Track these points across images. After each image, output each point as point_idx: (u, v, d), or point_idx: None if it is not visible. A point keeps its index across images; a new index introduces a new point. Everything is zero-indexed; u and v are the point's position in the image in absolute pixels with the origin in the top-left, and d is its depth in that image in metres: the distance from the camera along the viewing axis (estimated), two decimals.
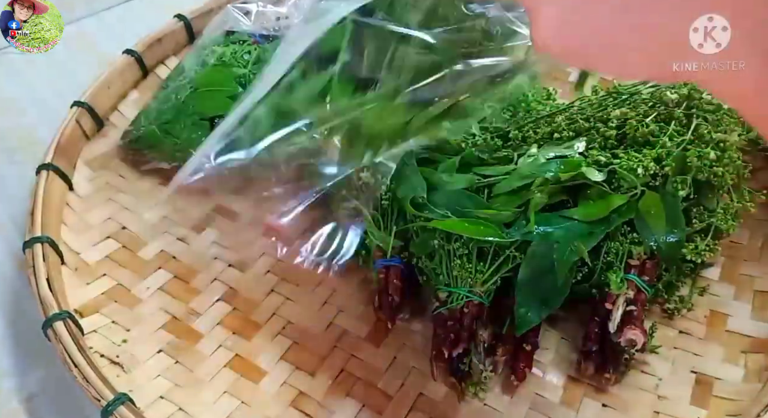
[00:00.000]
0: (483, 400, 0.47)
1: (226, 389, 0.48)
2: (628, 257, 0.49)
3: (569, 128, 0.52)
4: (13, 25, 0.61)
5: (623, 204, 0.47)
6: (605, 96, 0.55)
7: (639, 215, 0.48)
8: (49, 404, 0.49)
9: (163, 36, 0.68)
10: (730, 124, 0.51)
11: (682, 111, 0.51)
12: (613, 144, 0.50)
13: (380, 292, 0.50)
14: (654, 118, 0.51)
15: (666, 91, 0.52)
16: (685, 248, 0.48)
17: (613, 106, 0.53)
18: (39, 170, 0.56)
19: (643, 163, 0.47)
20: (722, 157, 0.49)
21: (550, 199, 0.48)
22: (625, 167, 0.47)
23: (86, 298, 0.52)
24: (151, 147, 0.59)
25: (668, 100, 0.51)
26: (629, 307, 0.46)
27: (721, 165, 0.48)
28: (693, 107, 0.51)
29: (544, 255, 0.46)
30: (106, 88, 0.64)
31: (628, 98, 0.54)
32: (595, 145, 0.50)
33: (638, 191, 0.47)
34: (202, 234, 0.57)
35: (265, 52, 0.61)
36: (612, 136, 0.50)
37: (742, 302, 0.51)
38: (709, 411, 0.46)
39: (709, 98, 0.52)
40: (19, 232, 0.58)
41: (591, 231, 0.47)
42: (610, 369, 0.47)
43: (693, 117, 0.51)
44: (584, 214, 0.47)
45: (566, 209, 0.48)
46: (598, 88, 0.57)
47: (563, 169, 0.47)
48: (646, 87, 0.55)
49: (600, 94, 0.56)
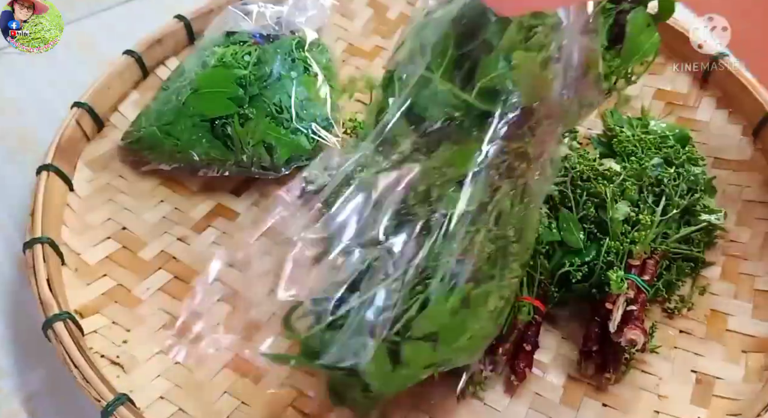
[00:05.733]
0: (483, 400, 0.47)
1: (226, 390, 0.48)
2: (628, 256, 0.49)
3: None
4: (13, 25, 0.61)
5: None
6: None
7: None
8: (49, 404, 0.49)
9: (163, 36, 0.68)
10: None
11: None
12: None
13: None
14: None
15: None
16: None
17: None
18: (39, 171, 0.56)
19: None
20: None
21: None
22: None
23: (86, 298, 0.52)
24: (152, 148, 0.59)
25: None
26: (629, 307, 0.46)
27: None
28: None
29: None
30: (107, 88, 0.64)
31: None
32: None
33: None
34: (202, 234, 0.57)
35: (265, 53, 0.61)
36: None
37: (743, 302, 0.51)
38: (710, 411, 0.46)
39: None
40: (19, 232, 0.58)
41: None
42: (610, 369, 0.47)
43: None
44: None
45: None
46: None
47: None
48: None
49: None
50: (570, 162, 0.55)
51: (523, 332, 0.48)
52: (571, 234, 0.50)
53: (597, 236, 0.51)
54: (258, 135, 0.57)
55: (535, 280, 0.50)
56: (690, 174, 0.54)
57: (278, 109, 0.58)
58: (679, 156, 0.56)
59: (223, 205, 0.59)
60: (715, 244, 0.54)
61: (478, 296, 0.38)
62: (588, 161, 0.56)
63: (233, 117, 0.57)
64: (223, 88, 0.58)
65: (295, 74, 0.60)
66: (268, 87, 0.58)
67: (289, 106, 0.58)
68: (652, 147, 0.57)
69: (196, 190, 0.60)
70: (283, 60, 0.60)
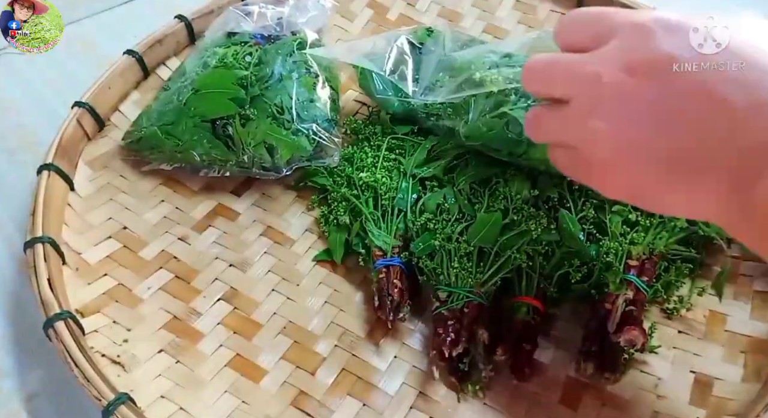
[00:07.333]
0: (483, 400, 0.47)
1: (226, 389, 0.48)
2: (627, 257, 0.49)
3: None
4: (13, 25, 0.61)
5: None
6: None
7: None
8: (49, 404, 0.49)
9: (164, 37, 0.68)
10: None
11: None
12: None
13: (380, 292, 0.50)
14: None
15: None
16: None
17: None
18: (40, 170, 0.56)
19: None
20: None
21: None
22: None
23: (87, 298, 0.52)
24: (153, 148, 0.60)
25: None
26: (628, 307, 0.46)
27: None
28: None
29: None
30: (107, 88, 0.64)
31: None
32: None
33: None
34: (202, 234, 0.57)
35: (266, 54, 0.61)
36: None
37: (742, 302, 0.51)
38: (709, 411, 0.46)
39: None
40: (20, 232, 0.58)
41: None
42: (609, 369, 0.47)
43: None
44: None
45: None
46: None
47: None
48: None
49: None
50: None
51: (523, 331, 0.48)
52: (571, 235, 0.50)
53: (596, 236, 0.51)
54: (259, 135, 0.57)
55: (534, 280, 0.50)
56: None
57: (279, 110, 0.58)
58: None
59: (224, 205, 0.59)
60: (714, 245, 0.54)
61: None
62: None
63: (234, 117, 0.57)
64: (224, 88, 0.58)
65: (296, 75, 0.60)
66: (269, 88, 0.58)
67: (290, 107, 0.58)
68: None
69: (197, 190, 0.60)
70: (284, 61, 0.60)
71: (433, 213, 0.53)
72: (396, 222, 0.54)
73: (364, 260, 0.54)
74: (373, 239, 0.53)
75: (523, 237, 0.50)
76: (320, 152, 0.59)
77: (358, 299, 0.53)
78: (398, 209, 0.55)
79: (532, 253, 0.50)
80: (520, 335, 0.48)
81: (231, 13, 0.65)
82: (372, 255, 0.52)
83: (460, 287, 0.48)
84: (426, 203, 0.54)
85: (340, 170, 0.59)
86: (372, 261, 0.52)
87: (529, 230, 0.49)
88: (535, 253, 0.50)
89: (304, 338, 0.51)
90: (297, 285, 0.54)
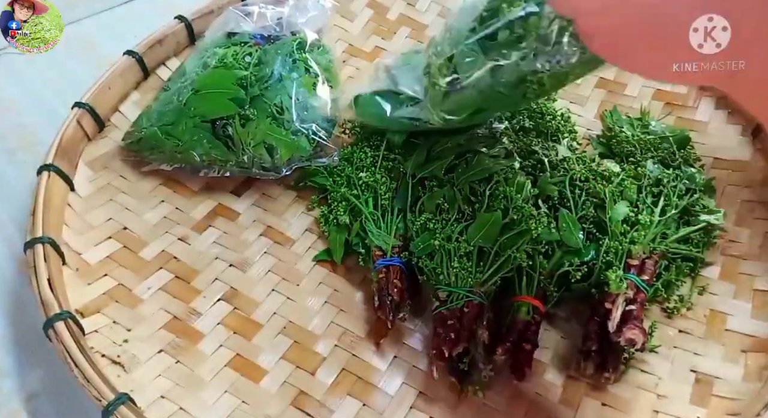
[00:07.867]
0: (483, 399, 0.47)
1: (226, 389, 0.48)
2: (628, 256, 0.49)
3: None
4: (13, 25, 0.61)
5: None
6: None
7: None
8: (49, 404, 0.49)
9: (164, 37, 0.68)
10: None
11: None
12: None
13: (380, 292, 0.50)
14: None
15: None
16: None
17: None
18: (40, 171, 0.56)
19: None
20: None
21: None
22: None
23: (87, 298, 0.52)
24: (153, 148, 0.60)
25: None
26: (629, 306, 0.46)
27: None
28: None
29: None
30: (107, 89, 0.64)
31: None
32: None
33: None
34: (202, 234, 0.57)
35: (266, 54, 0.61)
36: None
37: (742, 301, 0.51)
38: (709, 410, 0.46)
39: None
40: (20, 232, 0.58)
41: None
42: (609, 368, 0.47)
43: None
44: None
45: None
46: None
47: None
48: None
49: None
50: (569, 163, 0.55)
51: (523, 331, 0.48)
52: (571, 234, 0.50)
53: (596, 235, 0.51)
54: (259, 136, 0.57)
55: (534, 279, 0.50)
56: (686, 175, 0.55)
57: (279, 110, 0.58)
58: (675, 159, 0.56)
59: (224, 205, 0.59)
60: (714, 244, 0.54)
61: None
62: (587, 162, 0.56)
63: (234, 118, 0.57)
64: (224, 88, 0.58)
65: (296, 75, 0.60)
66: (269, 88, 0.58)
67: (289, 107, 0.58)
68: (651, 148, 0.58)
69: (197, 190, 0.60)
70: (283, 61, 0.60)
71: (433, 213, 0.53)
72: (396, 222, 0.54)
73: (364, 259, 0.54)
74: (372, 239, 0.53)
75: (522, 237, 0.49)
76: (320, 152, 0.59)
77: (358, 299, 0.53)
78: (398, 209, 0.55)
79: (532, 252, 0.50)
80: (520, 335, 0.48)
81: (231, 14, 0.65)
82: (372, 255, 0.52)
83: (460, 287, 0.48)
84: (426, 203, 0.54)
85: (339, 170, 0.59)
86: (372, 261, 0.52)
87: (529, 230, 0.49)
88: (535, 252, 0.50)
89: (304, 338, 0.51)
90: (297, 285, 0.54)
